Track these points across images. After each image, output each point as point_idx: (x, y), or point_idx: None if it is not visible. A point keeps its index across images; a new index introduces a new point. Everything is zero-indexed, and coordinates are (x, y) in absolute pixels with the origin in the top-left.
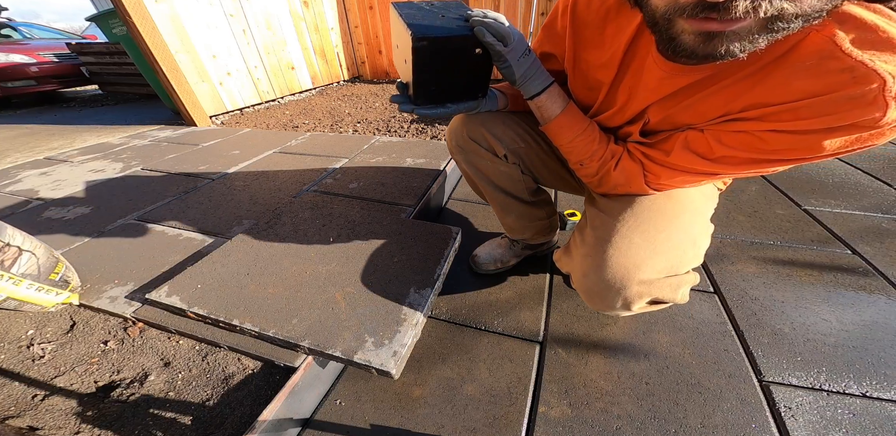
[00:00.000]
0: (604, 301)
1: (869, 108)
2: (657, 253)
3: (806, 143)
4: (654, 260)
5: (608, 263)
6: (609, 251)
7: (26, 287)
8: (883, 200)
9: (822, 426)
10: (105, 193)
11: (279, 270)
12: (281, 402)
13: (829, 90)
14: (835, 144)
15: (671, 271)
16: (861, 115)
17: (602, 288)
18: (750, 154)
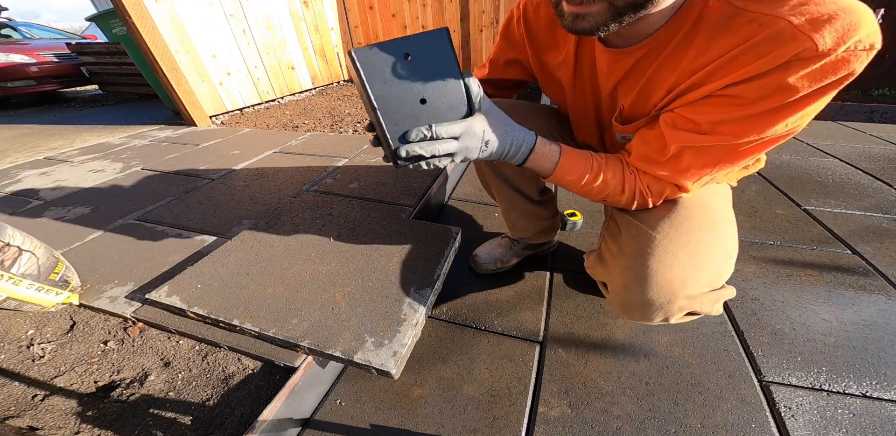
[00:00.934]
0: (644, 314)
1: (793, 42)
2: (700, 268)
3: (772, 86)
4: (698, 275)
5: (654, 279)
6: (653, 266)
7: (26, 287)
8: (883, 200)
9: (822, 426)
10: (105, 193)
11: (279, 270)
12: (281, 402)
13: (748, 38)
14: (803, 82)
15: (713, 285)
16: (793, 49)
17: (644, 302)
18: (732, 113)
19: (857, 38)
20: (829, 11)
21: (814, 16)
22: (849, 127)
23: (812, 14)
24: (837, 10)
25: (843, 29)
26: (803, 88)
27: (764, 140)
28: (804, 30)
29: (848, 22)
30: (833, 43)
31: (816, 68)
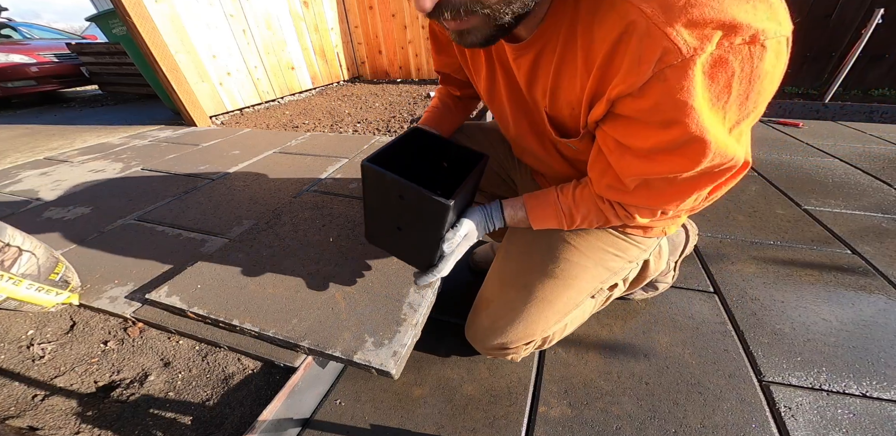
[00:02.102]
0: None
1: (650, 42)
2: (516, 329)
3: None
4: (510, 333)
5: (475, 323)
6: (483, 314)
7: (26, 287)
8: (883, 200)
9: (822, 426)
10: (105, 193)
11: (279, 271)
12: (281, 402)
13: (611, 33)
14: (696, 93)
15: (527, 339)
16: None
17: (469, 337)
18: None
19: (728, 27)
20: None
21: (667, 1)
22: (849, 127)
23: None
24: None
25: (705, 18)
26: (702, 99)
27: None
28: (658, 23)
29: (711, 8)
30: (697, 40)
31: (697, 76)
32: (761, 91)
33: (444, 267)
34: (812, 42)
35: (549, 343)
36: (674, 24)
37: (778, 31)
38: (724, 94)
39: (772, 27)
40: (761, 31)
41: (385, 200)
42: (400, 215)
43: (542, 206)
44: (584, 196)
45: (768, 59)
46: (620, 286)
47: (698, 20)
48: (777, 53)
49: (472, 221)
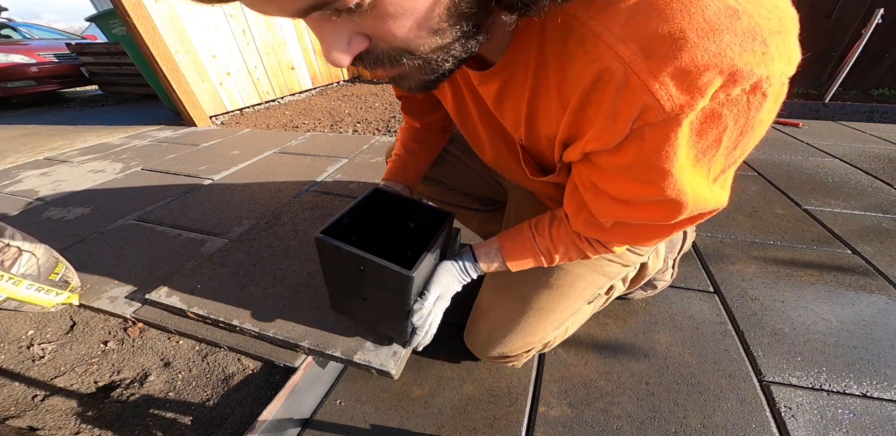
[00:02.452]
0: (474, 353)
1: (628, 94)
2: (514, 340)
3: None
4: (508, 344)
5: (473, 333)
6: (480, 324)
7: (26, 287)
8: (883, 200)
9: (823, 426)
10: (105, 194)
11: (279, 271)
12: (281, 402)
13: (582, 76)
14: (673, 153)
15: (526, 348)
16: (633, 107)
17: (468, 345)
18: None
19: (727, 76)
20: (674, 30)
21: (650, 41)
22: (849, 127)
23: (648, 37)
24: (687, 29)
25: (698, 64)
26: (685, 159)
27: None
28: (638, 72)
29: (705, 51)
30: (686, 95)
31: (682, 136)
32: (753, 137)
33: (418, 340)
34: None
35: (549, 347)
36: (658, 75)
37: (785, 73)
38: (713, 149)
39: (779, 70)
40: (765, 79)
41: (345, 271)
42: (363, 287)
43: (519, 250)
44: (560, 235)
45: (766, 108)
46: (619, 286)
47: (689, 68)
48: (777, 97)
49: (442, 283)
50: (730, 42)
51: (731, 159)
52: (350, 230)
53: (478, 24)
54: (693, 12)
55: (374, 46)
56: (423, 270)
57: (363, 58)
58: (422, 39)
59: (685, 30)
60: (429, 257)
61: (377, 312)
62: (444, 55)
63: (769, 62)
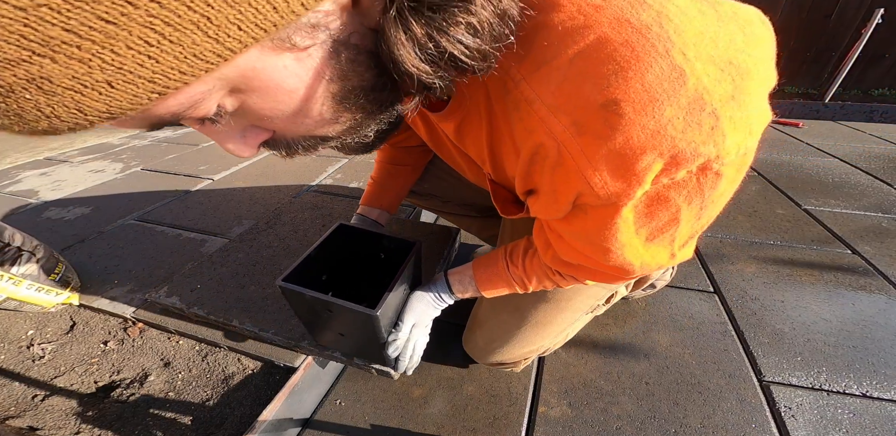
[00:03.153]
0: (473, 359)
1: (562, 173)
2: (511, 350)
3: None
4: (505, 353)
5: (470, 341)
6: (476, 334)
7: (26, 287)
8: (883, 200)
9: (822, 426)
10: (105, 194)
11: (279, 271)
12: (281, 402)
13: (521, 145)
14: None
15: (524, 357)
16: (571, 188)
17: (467, 351)
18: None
19: (668, 158)
20: (608, 101)
21: (582, 115)
22: (849, 127)
23: (580, 109)
24: (622, 100)
25: (634, 147)
26: (634, 239)
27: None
28: (573, 153)
29: (642, 129)
30: (622, 183)
31: (624, 221)
32: (718, 206)
33: (403, 366)
34: (812, 42)
35: (548, 352)
36: (592, 158)
37: (743, 146)
38: (671, 227)
39: (733, 145)
40: (714, 159)
41: (315, 313)
42: (337, 324)
43: (493, 279)
44: (534, 266)
45: (724, 183)
46: (622, 290)
47: (624, 151)
48: (739, 167)
49: (416, 312)
50: (671, 116)
51: (699, 226)
52: (322, 267)
53: (383, 104)
54: (630, 77)
55: (280, 136)
56: (390, 304)
57: (272, 146)
58: (323, 128)
59: (620, 101)
60: (395, 290)
61: (358, 345)
62: (360, 132)
63: (719, 139)
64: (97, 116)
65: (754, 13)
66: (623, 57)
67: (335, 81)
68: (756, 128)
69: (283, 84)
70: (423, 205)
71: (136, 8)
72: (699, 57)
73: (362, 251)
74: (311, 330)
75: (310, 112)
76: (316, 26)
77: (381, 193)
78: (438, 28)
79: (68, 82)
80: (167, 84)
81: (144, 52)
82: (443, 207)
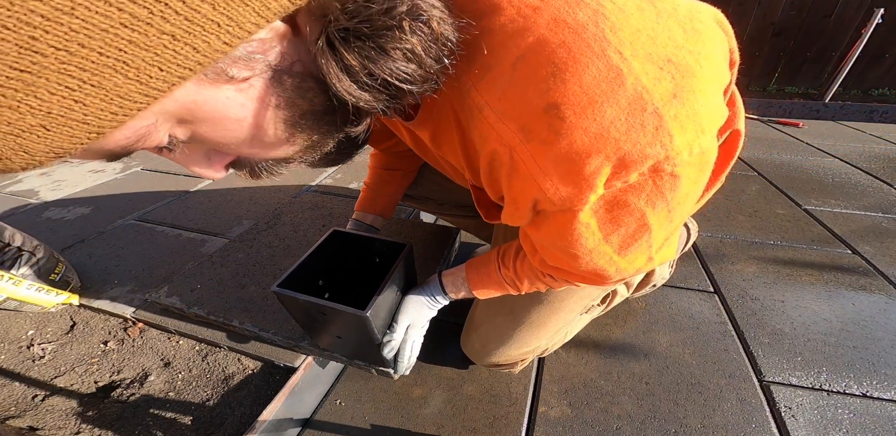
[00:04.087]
0: (471, 359)
1: (517, 180)
2: (507, 351)
3: (559, 240)
4: (502, 355)
5: (468, 343)
6: (473, 336)
7: (26, 287)
8: (883, 200)
9: (823, 426)
10: (105, 193)
11: (279, 271)
12: (281, 402)
13: (478, 151)
14: (582, 233)
15: (521, 358)
16: (527, 194)
17: (465, 352)
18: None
19: (616, 161)
20: (549, 105)
21: (527, 120)
22: (849, 127)
23: (525, 115)
24: (562, 104)
25: (578, 150)
26: (602, 246)
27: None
28: (524, 159)
29: (584, 132)
30: (572, 188)
31: (585, 226)
32: (687, 205)
33: (401, 368)
34: (812, 42)
35: (547, 352)
36: (541, 163)
37: (696, 145)
38: (642, 233)
39: (683, 144)
40: (665, 160)
41: (311, 317)
42: (333, 327)
43: (485, 280)
44: (524, 268)
45: (685, 184)
46: (623, 291)
47: (570, 156)
48: (701, 165)
49: (410, 314)
50: (613, 118)
51: (672, 227)
52: (317, 272)
53: (336, 124)
54: (568, 79)
55: (244, 158)
56: (381, 305)
57: (237, 167)
58: (280, 150)
59: (560, 105)
60: (386, 292)
61: (355, 347)
62: (319, 150)
63: (665, 139)
64: (43, 156)
65: (704, 9)
66: (560, 59)
67: (283, 108)
68: (708, 126)
69: (229, 113)
70: (421, 207)
71: (44, 56)
72: (636, 55)
73: (357, 255)
74: (309, 334)
75: (263, 137)
76: (251, 58)
77: (375, 199)
78: (370, 57)
79: (6, 128)
80: (101, 124)
81: (69, 96)
82: (439, 209)
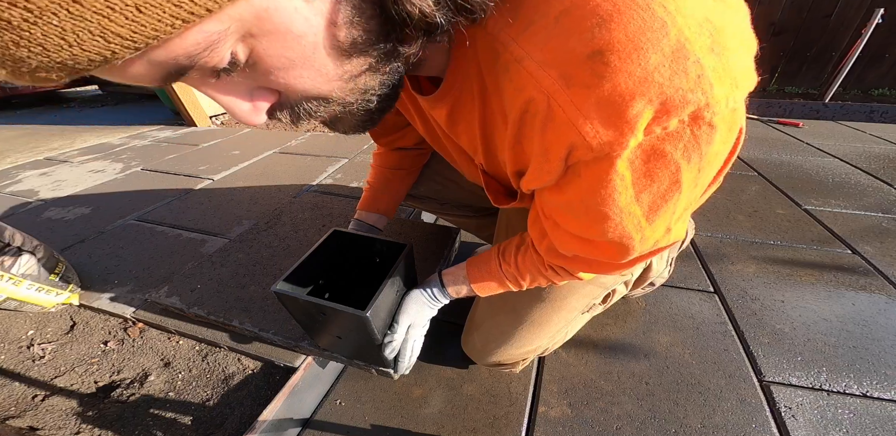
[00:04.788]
0: (472, 359)
1: (552, 128)
2: (509, 350)
3: (589, 204)
4: (503, 354)
5: (469, 343)
6: (474, 335)
7: (26, 287)
8: (883, 200)
9: (823, 426)
10: (105, 194)
11: (279, 271)
12: (281, 402)
13: (510, 105)
14: (612, 192)
15: (522, 358)
16: (561, 143)
17: (465, 352)
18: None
19: (658, 105)
20: (594, 51)
21: (570, 67)
22: (849, 127)
23: (567, 62)
24: (606, 50)
25: (622, 93)
26: (633, 204)
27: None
28: (562, 104)
29: (629, 76)
30: (613, 131)
31: (620, 178)
32: (711, 172)
33: (402, 367)
34: (812, 42)
35: (547, 352)
36: (581, 107)
37: (731, 98)
38: (673, 192)
39: (721, 96)
40: (705, 107)
41: (311, 317)
42: (333, 327)
43: (486, 278)
44: (526, 263)
45: (719, 139)
46: (621, 289)
47: (613, 98)
48: (730, 125)
49: (410, 313)
50: (657, 64)
51: (694, 196)
52: (318, 272)
53: (386, 56)
54: (613, 28)
55: (285, 98)
56: (381, 305)
57: (278, 112)
58: (329, 85)
59: (605, 51)
60: (386, 292)
61: (355, 347)
62: (364, 96)
63: (707, 87)
64: (119, 44)
65: None
66: (605, 11)
67: (341, 28)
68: (742, 82)
69: (293, 27)
70: (422, 207)
71: None
72: (679, 11)
73: (357, 256)
74: (310, 334)
75: (315, 62)
76: None
77: (378, 198)
78: None
79: (98, 6)
80: (192, 10)
81: None
82: (441, 209)
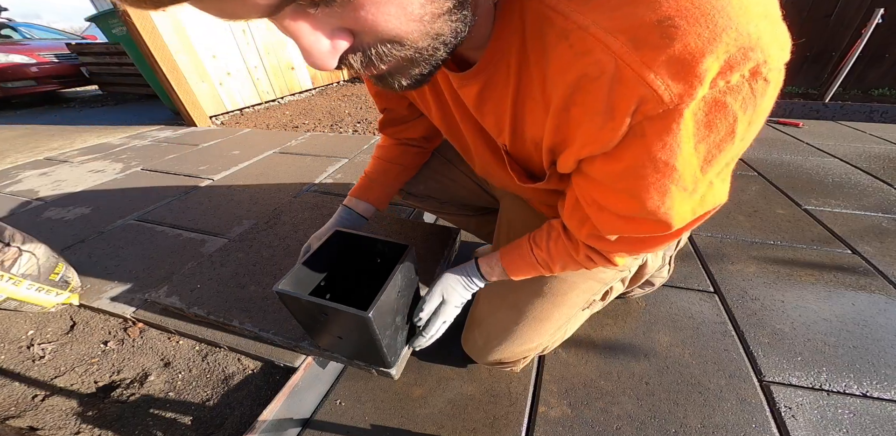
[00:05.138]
0: (472, 359)
1: (621, 87)
2: (510, 347)
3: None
4: (505, 351)
5: (469, 340)
6: (475, 332)
7: (26, 288)
8: (883, 200)
9: (823, 426)
10: (105, 194)
11: (279, 270)
12: (281, 402)
13: (565, 71)
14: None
15: (523, 355)
16: (628, 101)
17: (466, 351)
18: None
19: (724, 61)
20: (663, 18)
21: (639, 32)
22: (849, 127)
23: (636, 28)
24: (675, 16)
25: (692, 51)
26: (692, 156)
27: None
28: (631, 63)
29: (698, 37)
30: (683, 84)
31: (686, 129)
32: (757, 127)
33: (421, 341)
34: (812, 42)
35: (547, 350)
36: (651, 65)
37: (781, 59)
38: (727, 143)
39: (775, 54)
40: (763, 63)
41: (313, 317)
42: (334, 328)
43: (518, 263)
44: (558, 249)
45: (770, 94)
46: (619, 286)
47: (683, 55)
48: (777, 83)
49: (445, 287)
50: (724, 26)
51: (738, 150)
52: (320, 272)
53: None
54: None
55: (359, 42)
56: (383, 306)
57: (348, 57)
58: (409, 26)
59: (673, 17)
60: (389, 293)
61: (356, 348)
62: (434, 43)
63: (765, 46)
64: None
65: None
66: None
67: None
68: (786, 46)
69: None
70: (422, 206)
71: None
72: None
73: (359, 256)
74: (310, 334)
75: (409, 1)
76: None
77: (371, 187)
78: None
79: None
80: None
81: None
82: (440, 208)
